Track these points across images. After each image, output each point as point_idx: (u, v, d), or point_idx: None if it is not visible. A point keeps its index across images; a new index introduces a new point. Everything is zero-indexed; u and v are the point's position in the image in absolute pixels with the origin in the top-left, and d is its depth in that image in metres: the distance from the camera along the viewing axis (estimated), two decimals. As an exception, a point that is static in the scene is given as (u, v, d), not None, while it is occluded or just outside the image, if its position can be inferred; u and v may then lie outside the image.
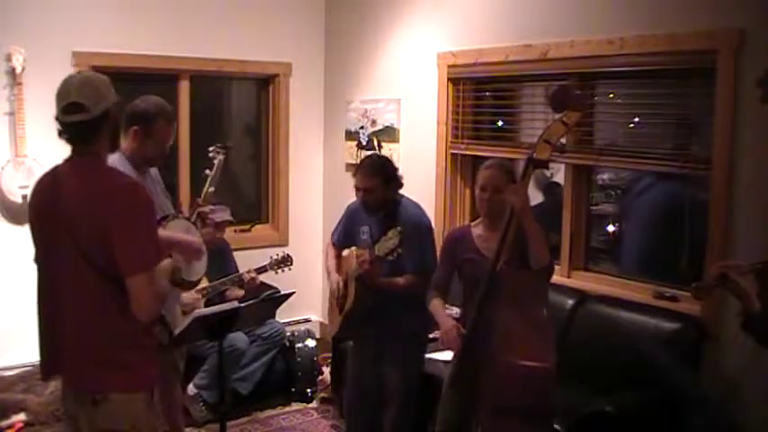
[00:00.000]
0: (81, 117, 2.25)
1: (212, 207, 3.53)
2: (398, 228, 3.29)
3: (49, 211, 2.35)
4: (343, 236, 3.82)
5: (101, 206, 2.24)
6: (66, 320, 2.36)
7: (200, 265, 3.26)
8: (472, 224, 3.31)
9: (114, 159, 3.05)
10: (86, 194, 2.26)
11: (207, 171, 3.56)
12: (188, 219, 3.31)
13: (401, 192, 3.65)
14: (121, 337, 2.32)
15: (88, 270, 2.27)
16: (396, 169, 3.63)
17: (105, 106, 2.29)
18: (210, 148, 3.63)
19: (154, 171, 3.37)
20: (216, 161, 3.55)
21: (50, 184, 2.37)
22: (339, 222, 3.88)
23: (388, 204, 3.57)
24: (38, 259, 2.44)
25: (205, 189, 3.49)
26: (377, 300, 3.52)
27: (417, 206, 3.67)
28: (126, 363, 2.33)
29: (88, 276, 2.28)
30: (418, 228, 3.51)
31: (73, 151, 2.35)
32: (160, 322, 2.63)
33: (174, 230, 3.08)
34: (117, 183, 2.31)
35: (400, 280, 3.50)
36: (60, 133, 2.32)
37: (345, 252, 3.75)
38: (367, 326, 3.64)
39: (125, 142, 3.13)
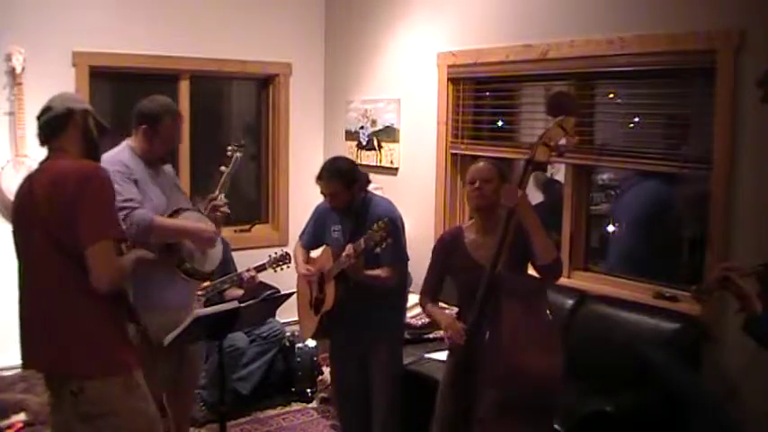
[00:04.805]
0: (47, 115, 2.60)
1: (225, 200, 3.56)
2: (386, 219, 3.32)
3: (26, 212, 2.53)
4: (313, 237, 3.82)
5: (65, 191, 2.42)
6: (41, 312, 2.51)
7: (214, 257, 3.38)
8: (464, 226, 3.28)
9: (124, 156, 3.17)
10: (53, 184, 2.46)
11: (222, 168, 3.63)
12: (200, 211, 3.39)
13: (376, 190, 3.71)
14: (93, 324, 2.46)
15: (59, 258, 2.44)
16: (355, 170, 3.63)
17: (69, 105, 2.61)
18: (229, 147, 3.70)
19: (168, 167, 3.46)
20: (233, 158, 3.62)
21: (26, 188, 2.58)
22: (307, 224, 3.87)
23: (357, 203, 3.59)
24: (18, 258, 2.60)
25: (221, 183, 3.54)
26: (359, 298, 3.51)
27: (388, 201, 3.72)
28: (99, 349, 2.47)
29: (59, 264, 2.44)
30: (393, 222, 3.50)
31: (48, 152, 2.62)
32: (133, 321, 2.72)
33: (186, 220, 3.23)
34: (80, 167, 2.52)
35: (381, 272, 3.49)
36: (40, 143, 2.61)
37: (317, 251, 3.76)
38: (347, 326, 3.63)
39: (135, 141, 3.28)
